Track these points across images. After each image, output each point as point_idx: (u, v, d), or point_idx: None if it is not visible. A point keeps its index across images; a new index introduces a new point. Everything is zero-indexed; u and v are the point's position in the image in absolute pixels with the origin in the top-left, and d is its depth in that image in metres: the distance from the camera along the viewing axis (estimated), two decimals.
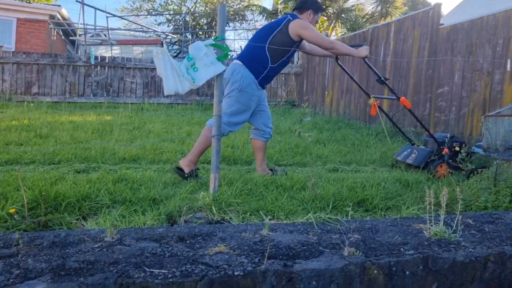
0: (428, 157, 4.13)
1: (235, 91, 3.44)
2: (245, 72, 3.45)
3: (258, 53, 3.46)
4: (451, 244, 2.11)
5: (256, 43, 3.48)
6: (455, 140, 4.26)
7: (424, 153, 4.17)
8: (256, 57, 3.47)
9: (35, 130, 5.10)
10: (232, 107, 3.45)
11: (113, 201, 2.66)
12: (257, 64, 3.47)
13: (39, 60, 9.07)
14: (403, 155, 4.34)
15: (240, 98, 3.45)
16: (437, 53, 5.71)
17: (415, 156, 4.19)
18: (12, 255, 1.78)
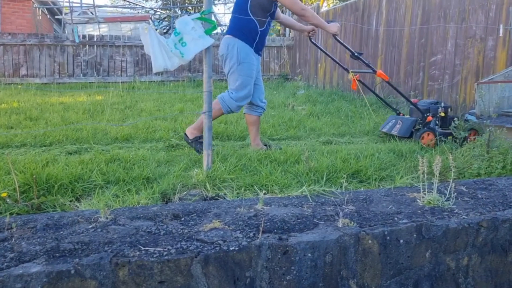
0: (413, 126, 4.10)
1: (235, 65, 3.46)
2: (240, 44, 3.45)
3: (245, 22, 3.43)
4: (445, 211, 2.13)
5: (239, 13, 3.45)
6: (440, 106, 4.21)
7: (408, 122, 4.13)
8: (244, 26, 3.45)
9: (25, 112, 5.02)
10: (237, 81, 3.46)
11: (106, 181, 2.65)
12: (248, 32, 3.46)
13: (26, 40, 8.87)
14: (388, 126, 4.29)
15: (242, 71, 3.46)
16: (430, 21, 5.63)
17: (400, 126, 4.14)
18: (6, 238, 1.77)
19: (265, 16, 3.46)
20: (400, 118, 4.27)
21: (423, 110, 4.18)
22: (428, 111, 4.17)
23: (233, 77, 3.48)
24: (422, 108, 4.20)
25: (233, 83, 3.48)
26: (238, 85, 3.46)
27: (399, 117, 4.30)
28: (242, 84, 3.46)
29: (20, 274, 1.49)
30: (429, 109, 4.18)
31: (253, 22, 3.43)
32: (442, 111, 4.15)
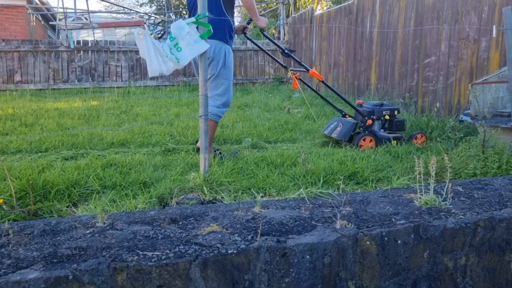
0: (352, 129, 3.94)
1: (222, 68, 3.39)
2: (225, 47, 3.39)
3: (225, 22, 3.33)
4: (442, 212, 2.13)
5: (216, 13, 3.27)
6: (386, 108, 4.03)
7: (348, 125, 3.95)
8: (225, 26, 3.35)
9: (20, 118, 5.00)
10: (222, 85, 3.41)
11: (103, 186, 2.64)
12: (229, 33, 3.40)
13: (20, 47, 8.84)
14: (329, 129, 4.10)
15: (227, 75, 3.42)
16: (423, 23, 5.67)
17: (340, 129, 3.96)
18: (3, 245, 1.76)
19: (233, 12, 3.41)
20: (342, 120, 4.08)
21: (367, 112, 4.02)
22: (372, 113, 4.01)
23: (218, 81, 3.40)
24: (366, 110, 4.03)
25: (216, 88, 3.40)
26: (222, 90, 3.41)
27: (341, 119, 4.10)
28: (226, 89, 3.44)
29: (18, 281, 1.48)
30: (373, 111, 4.02)
31: (229, 21, 3.37)
32: (387, 113, 3.99)
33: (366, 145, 3.89)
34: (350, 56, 7.52)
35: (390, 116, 4.06)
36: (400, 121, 4.06)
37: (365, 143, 3.89)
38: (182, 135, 4.22)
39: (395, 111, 4.10)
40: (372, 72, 6.87)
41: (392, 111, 4.08)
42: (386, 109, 4.06)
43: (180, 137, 4.15)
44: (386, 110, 4.05)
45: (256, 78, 10.14)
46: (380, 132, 4.03)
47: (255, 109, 6.10)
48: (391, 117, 4.07)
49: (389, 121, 4.07)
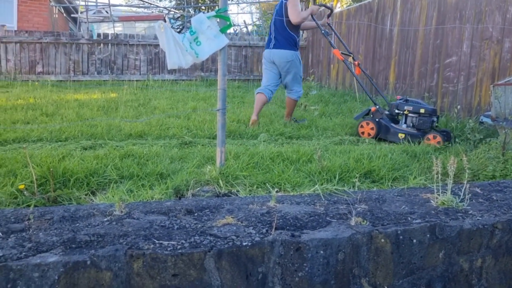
0: (365, 113, 4.58)
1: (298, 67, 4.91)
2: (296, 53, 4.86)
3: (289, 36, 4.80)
4: (459, 212, 2.11)
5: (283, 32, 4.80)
6: (410, 104, 4.28)
7: (364, 110, 4.72)
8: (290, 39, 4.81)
9: (41, 108, 5.10)
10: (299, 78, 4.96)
11: (121, 176, 2.68)
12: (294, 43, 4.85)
13: (42, 38, 9.00)
14: (357, 114, 4.89)
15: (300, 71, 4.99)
16: (445, 22, 5.58)
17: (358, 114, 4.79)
18: (24, 229, 1.81)
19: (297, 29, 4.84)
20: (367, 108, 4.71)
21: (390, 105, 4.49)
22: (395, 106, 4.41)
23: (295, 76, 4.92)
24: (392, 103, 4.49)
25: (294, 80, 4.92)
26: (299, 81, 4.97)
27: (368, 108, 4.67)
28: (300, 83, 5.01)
29: (38, 264, 1.52)
30: (396, 104, 4.42)
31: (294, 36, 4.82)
32: (408, 109, 4.26)
33: (365, 129, 4.40)
34: (369, 55, 7.45)
35: (412, 112, 4.23)
36: (423, 120, 4.17)
37: (364, 128, 4.42)
38: (199, 129, 4.25)
39: (421, 109, 4.22)
40: (391, 71, 6.80)
41: (417, 108, 4.23)
42: (409, 105, 4.28)
43: (197, 131, 4.18)
44: (409, 106, 4.27)
45: None
46: (391, 123, 4.34)
47: (272, 106, 6.10)
48: (413, 113, 4.22)
49: (411, 117, 4.25)
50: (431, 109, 4.27)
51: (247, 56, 10.04)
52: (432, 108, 4.29)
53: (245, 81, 9.82)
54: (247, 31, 14.71)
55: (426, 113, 4.23)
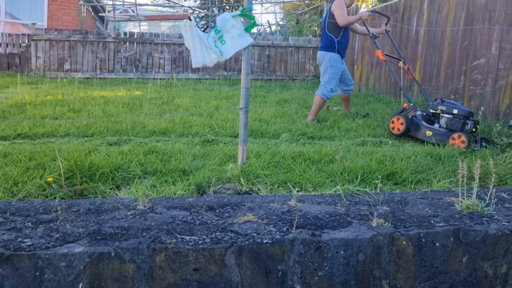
0: (400, 111, 4.68)
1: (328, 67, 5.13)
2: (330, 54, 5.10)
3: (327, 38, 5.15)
4: (484, 217, 2.07)
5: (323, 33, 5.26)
6: (444, 104, 4.37)
7: (400, 108, 4.80)
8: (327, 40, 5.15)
9: (69, 104, 5.24)
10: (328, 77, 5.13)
11: (144, 172, 2.73)
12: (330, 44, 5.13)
13: (70, 36, 9.23)
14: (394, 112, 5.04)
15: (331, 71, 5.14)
16: (473, 23, 5.46)
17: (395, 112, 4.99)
18: (52, 220, 1.87)
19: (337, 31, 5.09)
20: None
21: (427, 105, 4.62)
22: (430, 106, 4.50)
23: (326, 75, 5.15)
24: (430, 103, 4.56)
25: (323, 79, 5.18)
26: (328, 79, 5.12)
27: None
28: (331, 79, 5.12)
29: (65, 254, 1.57)
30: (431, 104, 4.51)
31: (331, 37, 5.11)
32: (442, 109, 4.35)
33: (395, 125, 4.49)
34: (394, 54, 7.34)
35: (445, 112, 4.30)
36: (454, 120, 4.20)
37: (394, 124, 4.51)
38: (221, 127, 4.29)
39: (454, 109, 4.25)
40: (416, 72, 6.69)
41: (450, 108, 4.28)
42: (443, 105, 4.35)
43: (219, 129, 4.22)
44: (443, 106, 4.35)
45: (296, 75, 10.10)
46: (422, 121, 4.39)
47: (294, 105, 6.09)
48: (446, 113, 4.29)
49: (443, 117, 4.32)
50: (466, 111, 4.21)
51: (270, 56, 10.04)
52: (467, 111, 4.22)
53: (267, 81, 9.83)
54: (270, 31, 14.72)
55: (459, 114, 4.19)
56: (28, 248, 1.58)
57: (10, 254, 1.54)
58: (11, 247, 1.58)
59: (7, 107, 4.95)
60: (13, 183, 2.41)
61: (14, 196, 2.29)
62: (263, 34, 12.78)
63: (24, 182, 2.43)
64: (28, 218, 1.88)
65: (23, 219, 1.86)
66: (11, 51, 9.81)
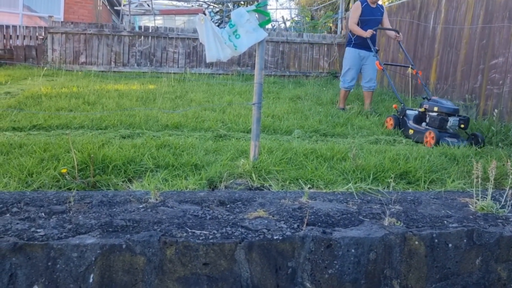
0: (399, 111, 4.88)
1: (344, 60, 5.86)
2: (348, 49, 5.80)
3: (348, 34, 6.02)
4: (499, 219, 2.03)
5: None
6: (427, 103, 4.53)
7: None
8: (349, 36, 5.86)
9: (84, 97, 5.29)
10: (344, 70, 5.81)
11: (157, 165, 2.75)
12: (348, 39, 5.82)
13: (86, 30, 9.30)
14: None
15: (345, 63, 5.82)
16: (492, 22, 5.35)
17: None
18: (65, 211, 1.89)
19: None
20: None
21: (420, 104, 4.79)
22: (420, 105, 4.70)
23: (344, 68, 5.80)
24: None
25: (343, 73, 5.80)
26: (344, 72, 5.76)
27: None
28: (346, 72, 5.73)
29: (77, 244, 1.59)
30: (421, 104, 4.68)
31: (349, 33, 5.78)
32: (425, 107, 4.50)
33: (388, 123, 4.80)
34: (410, 54, 7.25)
35: (429, 110, 4.43)
36: (434, 118, 4.30)
37: (387, 122, 4.81)
38: (234, 123, 4.29)
39: (435, 107, 4.37)
40: (432, 71, 6.59)
41: (432, 106, 4.41)
42: (427, 104, 4.50)
43: (232, 124, 4.21)
44: (426, 104, 4.50)
45: (309, 72, 10.04)
46: (409, 120, 4.55)
47: (307, 102, 6.06)
48: (430, 111, 4.41)
49: (428, 115, 4.44)
50: (448, 109, 4.26)
51: (284, 52, 10.00)
52: (450, 108, 4.26)
53: (281, 77, 9.79)
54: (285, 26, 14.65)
55: (441, 112, 4.28)
56: (41, 238, 1.60)
57: (24, 243, 1.56)
58: (25, 237, 1.60)
59: (23, 98, 5.02)
60: (27, 173, 2.44)
61: (28, 187, 2.32)
62: (277, 30, 12.72)
63: (38, 173, 2.46)
64: (41, 208, 1.90)
65: (37, 209, 1.89)
66: (28, 43, 9.94)
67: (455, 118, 4.19)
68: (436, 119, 4.22)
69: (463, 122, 4.19)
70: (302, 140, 3.82)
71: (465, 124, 4.20)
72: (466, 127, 4.21)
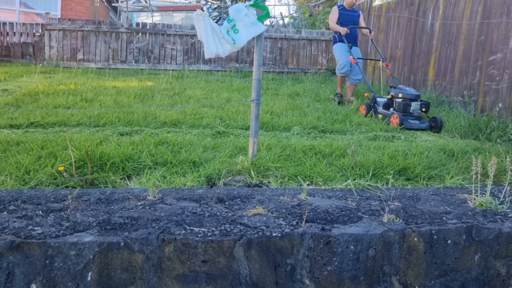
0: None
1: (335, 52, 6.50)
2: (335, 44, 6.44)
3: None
4: (498, 215, 2.03)
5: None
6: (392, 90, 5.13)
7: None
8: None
9: (81, 94, 5.27)
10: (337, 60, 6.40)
11: (155, 162, 2.73)
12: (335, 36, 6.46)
13: (84, 26, 9.26)
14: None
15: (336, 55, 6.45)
16: (491, 17, 5.34)
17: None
18: (62, 209, 1.88)
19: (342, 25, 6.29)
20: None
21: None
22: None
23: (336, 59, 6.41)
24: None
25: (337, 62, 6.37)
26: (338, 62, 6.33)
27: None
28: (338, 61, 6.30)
29: (75, 242, 1.58)
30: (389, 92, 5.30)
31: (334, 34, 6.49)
32: (391, 94, 5.11)
33: (361, 109, 5.36)
34: (408, 50, 7.24)
35: (395, 97, 5.02)
36: (398, 103, 4.91)
37: (360, 109, 5.38)
38: (232, 119, 4.27)
39: (400, 93, 4.98)
40: (430, 67, 6.59)
41: (397, 93, 5.02)
42: (393, 91, 5.11)
43: (230, 121, 4.20)
44: (393, 92, 5.11)
45: (308, 68, 10.02)
46: (379, 106, 5.19)
47: (306, 99, 6.05)
48: (396, 98, 5.01)
49: (394, 101, 5.01)
50: (411, 95, 4.89)
51: (282, 49, 9.98)
52: (412, 94, 4.90)
53: (279, 74, 9.77)
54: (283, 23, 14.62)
55: (405, 98, 4.89)
56: (39, 236, 1.59)
57: (21, 241, 1.55)
58: (22, 235, 1.59)
59: (20, 96, 5.00)
60: (25, 171, 2.43)
61: (25, 184, 2.31)
62: (275, 26, 12.69)
63: (35, 170, 2.44)
64: (39, 206, 1.89)
65: (34, 207, 1.88)
66: (25, 40, 9.90)
67: (417, 103, 4.83)
68: (401, 104, 4.83)
69: (424, 106, 4.83)
70: (300, 137, 3.81)
71: (426, 108, 4.84)
72: (427, 110, 4.86)
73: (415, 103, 4.81)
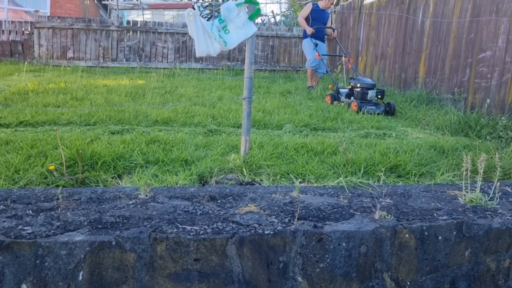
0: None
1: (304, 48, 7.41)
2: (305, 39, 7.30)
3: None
4: (487, 211, 2.05)
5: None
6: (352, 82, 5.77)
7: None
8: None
9: (71, 92, 5.22)
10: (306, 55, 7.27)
11: (146, 161, 2.72)
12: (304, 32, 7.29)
13: (73, 24, 9.17)
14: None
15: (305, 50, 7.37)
16: (480, 15, 5.39)
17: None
18: (53, 208, 1.86)
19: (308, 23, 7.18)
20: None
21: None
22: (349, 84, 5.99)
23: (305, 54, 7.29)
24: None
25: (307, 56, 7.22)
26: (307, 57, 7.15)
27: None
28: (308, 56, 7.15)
29: (66, 242, 1.57)
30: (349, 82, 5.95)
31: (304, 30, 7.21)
32: (352, 85, 5.75)
33: (327, 99, 6.02)
34: (399, 48, 7.28)
35: (354, 87, 5.67)
36: (357, 92, 5.57)
37: (326, 99, 6.03)
38: (224, 117, 4.27)
39: (358, 83, 5.65)
40: (420, 65, 6.63)
41: (356, 83, 5.68)
42: (353, 82, 5.76)
43: (222, 119, 4.20)
44: (352, 82, 5.76)
45: (300, 66, 10.04)
46: (342, 95, 5.88)
47: (297, 96, 6.06)
48: (355, 87, 5.65)
49: (354, 90, 5.66)
50: (367, 84, 5.58)
51: (274, 47, 9.98)
52: (369, 83, 5.60)
53: (271, 72, 9.77)
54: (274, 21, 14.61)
55: (362, 87, 5.55)
56: (29, 236, 1.58)
57: (11, 241, 1.54)
58: (12, 235, 1.58)
59: (9, 94, 4.94)
60: (14, 170, 2.40)
61: (15, 184, 2.28)
62: (267, 25, 12.68)
63: (25, 169, 2.42)
64: (29, 205, 1.87)
65: (24, 206, 1.86)
66: (14, 38, 9.77)
67: (373, 91, 5.54)
68: (359, 93, 5.49)
69: (379, 93, 5.55)
70: (292, 135, 3.82)
71: (382, 95, 5.58)
72: (382, 97, 5.60)
73: (372, 91, 5.52)
